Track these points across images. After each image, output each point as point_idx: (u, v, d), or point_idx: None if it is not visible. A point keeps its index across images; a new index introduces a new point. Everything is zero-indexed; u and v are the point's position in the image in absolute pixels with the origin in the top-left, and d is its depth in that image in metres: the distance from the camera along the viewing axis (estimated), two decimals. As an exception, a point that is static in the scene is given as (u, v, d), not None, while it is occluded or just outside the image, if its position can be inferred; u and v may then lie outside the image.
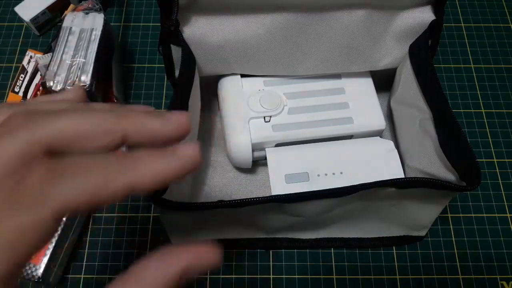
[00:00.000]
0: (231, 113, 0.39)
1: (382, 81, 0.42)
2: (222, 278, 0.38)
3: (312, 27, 0.36)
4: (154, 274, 0.14)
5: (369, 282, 0.38)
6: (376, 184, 0.30)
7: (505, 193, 0.42)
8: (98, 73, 0.39)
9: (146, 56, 0.49)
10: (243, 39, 0.36)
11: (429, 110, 0.35)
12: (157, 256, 0.15)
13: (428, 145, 0.35)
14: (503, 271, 0.39)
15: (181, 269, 0.15)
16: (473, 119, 0.46)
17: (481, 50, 0.50)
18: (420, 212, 0.36)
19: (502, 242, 0.40)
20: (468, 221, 0.41)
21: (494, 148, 0.44)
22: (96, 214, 0.41)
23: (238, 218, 0.35)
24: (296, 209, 0.33)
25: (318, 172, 0.37)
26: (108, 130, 0.15)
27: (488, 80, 0.48)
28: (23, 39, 0.49)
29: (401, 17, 0.37)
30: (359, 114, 0.39)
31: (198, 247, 0.15)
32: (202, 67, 0.38)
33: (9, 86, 0.47)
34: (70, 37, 0.40)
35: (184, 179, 0.15)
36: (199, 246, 0.15)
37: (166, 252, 0.15)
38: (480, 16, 0.52)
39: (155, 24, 0.51)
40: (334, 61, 0.39)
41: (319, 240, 0.39)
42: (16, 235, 0.13)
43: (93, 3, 0.43)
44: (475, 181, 0.29)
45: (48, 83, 0.38)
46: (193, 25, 0.35)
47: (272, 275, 0.38)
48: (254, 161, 0.39)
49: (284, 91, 0.40)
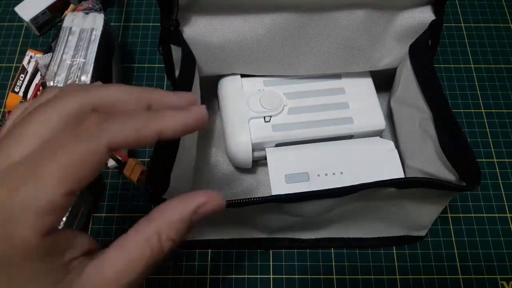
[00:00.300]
0: (231, 113, 0.39)
1: (382, 81, 0.42)
2: (222, 278, 0.38)
3: (312, 27, 0.36)
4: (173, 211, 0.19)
5: (369, 282, 0.38)
6: (376, 184, 0.30)
7: (505, 193, 0.42)
8: (98, 73, 0.39)
9: (146, 56, 0.49)
10: (243, 39, 0.36)
11: (429, 110, 0.35)
12: (175, 199, 0.19)
13: (428, 145, 0.35)
14: (503, 271, 0.39)
15: (195, 207, 0.19)
16: (473, 119, 0.46)
17: (481, 50, 0.50)
18: (420, 212, 0.36)
19: (502, 242, 0.40)
20: (468, 221, 0.41)
21: (494, 148, 0.44)
22: (96, 215, 0.41)
23: (238, 218, 0.35)
24: (296, 209, 0.33)
25: (318, 172, 0.37)
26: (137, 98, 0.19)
27: (488, 80, 0.48)
28: (23, 39, 0.49)
29: (401, 17, 0.37)
30: (359, 114, 0.39)
31: (207, 192, 0.19)
32: (202, 67, 0.38)
33: (9, 86, 0.47)
34: (70, 37, 0.40)
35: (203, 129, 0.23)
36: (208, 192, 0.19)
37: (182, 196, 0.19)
38: (480, 16, 0.52)
39: (155, 24, 0.51)
40: (334, 61, 0.39)
41: (319, 240, 0.39)
42: (78, 160, 0.16)
43: (93, 3, 0.43)
44: (475, 181, 0.29)
45: (48, 83, 0.38)
46: (193, 25, 0.35)
47: (272, 275, 0.38)
48: (254, 161, 0.39)
49: (284, 91, 0.40)
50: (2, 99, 0.46)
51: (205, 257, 0.39)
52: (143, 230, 0.18)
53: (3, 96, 0.46)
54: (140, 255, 0.17)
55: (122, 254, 0.17)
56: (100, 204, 0.41)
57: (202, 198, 0.19)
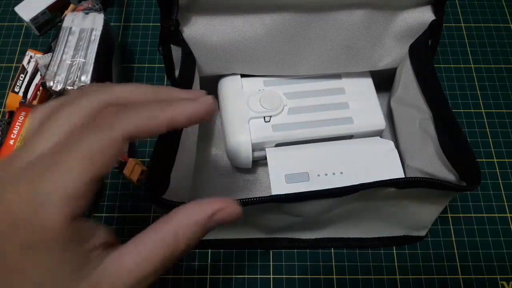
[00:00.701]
0: (231, 113, 0.39)
1: (382, 81, 0.42)
2: (222, 278, 0.38)
3: (312, 27, 0.36)
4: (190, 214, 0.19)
5: (369, 282, 0.38)
6: (376, 184, 0.30)
7: (505, 193, 0.42)
8: (98, 73, 0.39)
9: (146, 56, 0.49)
10: (243, 39, 0.36)
11: (429, 110, 0.35)
12: (192, 202, 0.20)
13: (428, 145, 0.35)
14: (503, 271, 0.39)
15: (212, 212, 0.19)
16: (473, 119, 0.46)
17: (481, 50, 0.50)
18: (420, 212, 0.36)
19: (502, 242, 0.40)
20: (468, 221, 0.41)
21: (494, 148, 0.44)
22: (96, 214, 0.41)
23: (238, 218, 0.35)
24: (296, 209, 0.33)
25: (318, 172, 0.37)
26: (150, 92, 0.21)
27: (488, 80, 0.48)
28: (23, 39, 0.49)
29: (401, 17, 0.37)
30: (359, 114, 0.39)
31: (225, 199, 0.20)
32: (202, 67, 0.38)
33: (9, 86, 0.47)
34: (70, 37, 0.40)
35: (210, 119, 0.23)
36: (225, 199, 0.20)
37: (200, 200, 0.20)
38: (480, 16, 0.52)
39: (155, 24, 0.51)
40: (334, 61, 0.39)
41: (319, 240, 0.39)
42: (98, 148, 0.17)
43: (93, 3, 0.43)
44: (475, 181, 0.29)
45: (48, 83, 0.38)
46: (193, 25, 0.35)
47: (272, 275, 0.38)
48: (254, 161, 0.39)
49: (284, 91, 0.40)
50: (2, 99, 0.46)
51: (205, 257, 0.39)
52: (160, 229, 0.19)
53: (3, 96, 0.46)
54: (156, 252, 0.18)
55: (140, 249, 0.18)
56: (100, 204, 0.41)
57: (220, 204, 0.20)
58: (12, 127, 0.39)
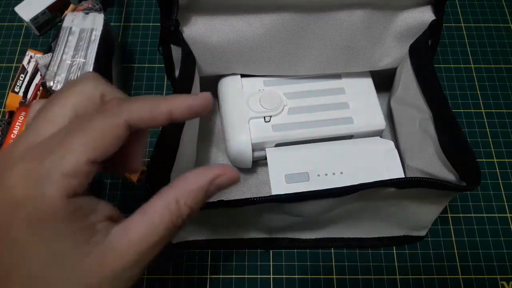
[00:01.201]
0: (231, 113, 0.39)
1: (382, 81, 0.42)
2: (222, 278, 0.38)
3: (312, 27, 0.36)
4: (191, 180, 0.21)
5: (369, 282, 0.38)
6: (376, 184, 0.30)
7: (505, 193, 0.42)
8: (98, 73, 0.39)
9: (146, 56, 0.49)
10: (243, 39, 0.36)
11: (429, 110, 0.35)
12: (193, 170, 0.21)
13: (428, 145, 0.35)
14: (503, 271, 0.39)
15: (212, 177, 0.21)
16: (473, 119, 0.46)
17: (481, 50, 0.50)
18: (420, 212, 0.36)
19: (502, 242, 0.40)
20: (468, 221, 0.41)
21: (494, 148, 0.44)
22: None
23: (238, 218, 0.35)
24: (296, 209, 0.33)
25: (318, 172, 0.37)
26: None
27: (488, 80, 0.48)
28: (23, 39, 0.49)
29: (401, 17, 0.37)
30: (359, 114, 0.39)
31: (223, 165, 0.21)
32: (202, 67, 0.38)
33: (9, 86, 0.47)
34: (70, 37, 0.40)
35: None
36: (224, 165, 0.21)
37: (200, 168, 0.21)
38: (480, 16, 0.52)
39: (155, 24, 0.51)
40: (334, 61, 0.39)
41: (319, 240, 0.39)
42: (100, 132, 0.18)
43: (93, 3, 0.43)
44: (475, 181, 0.29)
45: (48, 83, 0.38)
46: (193, 25, 0.35)
47: (272, 275, 0.38)
48: (254, 161, 0.39)
49: (284, 91, 0.40)
50: (2, 99, 0.46)
51: (205, 257, 0.39)
52: (163, 196, 0.20)
53: (3, 96, 0.46)
54: (161, 219, 0.19)
55: (145, 218, 0.19)
56: (100, 204, 0.41)
57: (219, 170, 0.21)
58: (12, 127, 0.39)
